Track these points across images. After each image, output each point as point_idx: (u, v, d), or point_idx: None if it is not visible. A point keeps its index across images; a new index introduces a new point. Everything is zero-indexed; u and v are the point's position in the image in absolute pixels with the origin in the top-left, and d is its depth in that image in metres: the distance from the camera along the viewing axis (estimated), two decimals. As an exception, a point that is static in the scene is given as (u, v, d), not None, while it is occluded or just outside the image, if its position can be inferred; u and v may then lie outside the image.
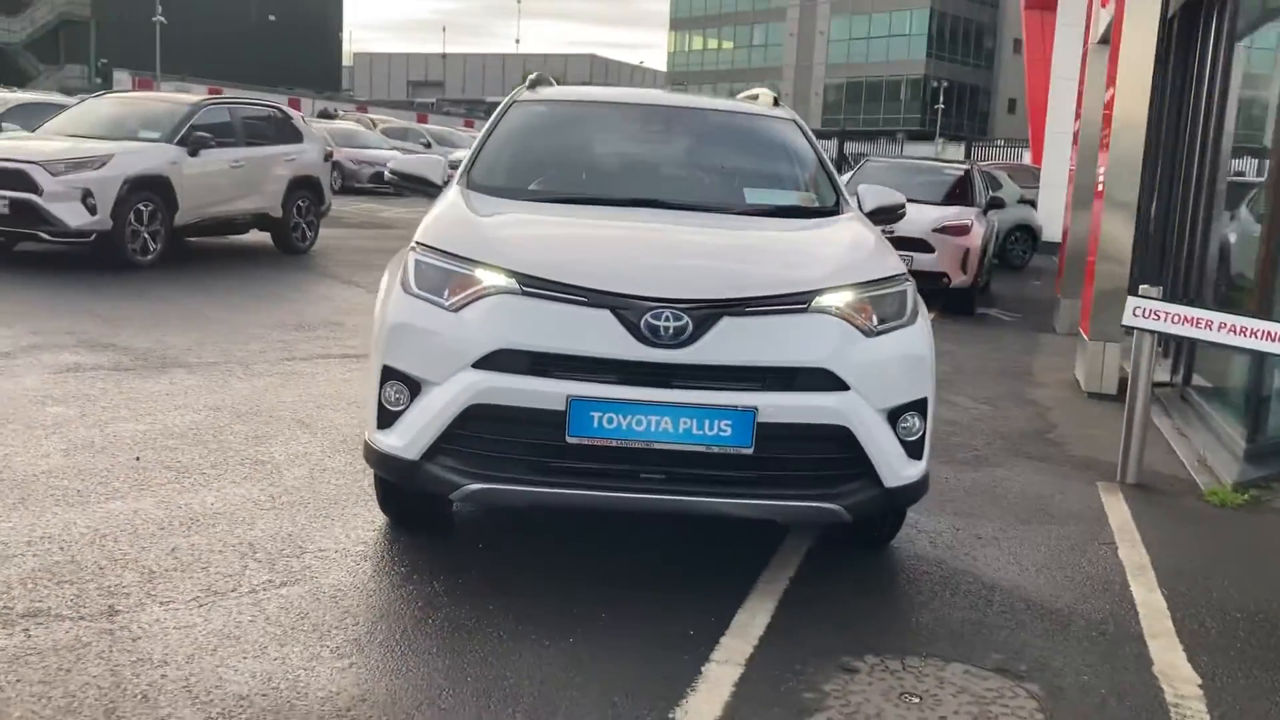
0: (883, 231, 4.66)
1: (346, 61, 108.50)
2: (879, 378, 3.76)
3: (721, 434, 3.54)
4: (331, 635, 3.38)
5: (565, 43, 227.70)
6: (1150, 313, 5.69)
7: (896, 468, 3.82)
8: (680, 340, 3.56)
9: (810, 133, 5.33)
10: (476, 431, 3.63)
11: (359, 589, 3.75)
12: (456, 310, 3.70)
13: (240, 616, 3.45)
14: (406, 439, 3.70)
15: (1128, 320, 5.76)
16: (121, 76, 45.16)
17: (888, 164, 15.23)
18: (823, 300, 3.78)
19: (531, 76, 5.60)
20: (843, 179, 5.83)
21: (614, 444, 3.54)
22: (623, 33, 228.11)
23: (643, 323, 3.56)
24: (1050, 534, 4.88)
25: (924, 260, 12.26)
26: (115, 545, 3.95)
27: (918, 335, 3.95)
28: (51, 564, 3.74)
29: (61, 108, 13.63)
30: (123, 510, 4.30)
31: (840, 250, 4.24)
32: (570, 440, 3.53)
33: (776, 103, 5.64)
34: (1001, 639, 3.71)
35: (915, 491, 3.96)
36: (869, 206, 4.98)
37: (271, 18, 69.38)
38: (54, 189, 10.74)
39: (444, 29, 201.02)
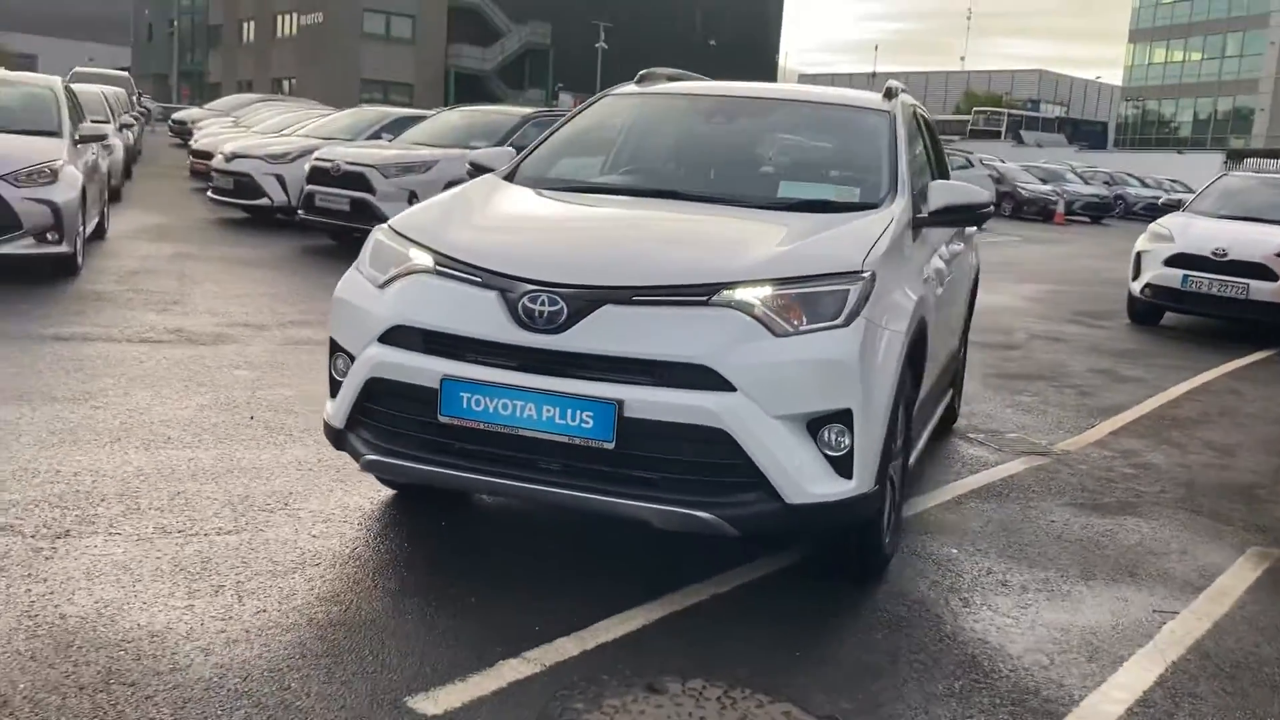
0: (1213, 254, 4.13)
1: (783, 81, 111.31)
2: (778, 381, 3.42)
3: (583, 426, 3.39)
4: (205, 579, 3.62)
5: (1015, 59, 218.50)
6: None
7: (803, 483, 3.44)
8: (554, 326, 3.46)
9: (902, 128, 4.86)
10: (378, 404, 3.74)
11: (289, 544, 3.98)
12: (382, 287, 3.83)
13: (154, 553, 3.79)
14: (336, 408, 3.88)
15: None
16: (565, 98, 49.37)
17: (1251, 179, 13.27)
18: (734, 294, 3.50)
19: (642, 72, 5.60)
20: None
21: (481, 426, 3.50)
22: (1078, 48, 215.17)
23: (519, 306, 3.50)
24: (1106, 593, 4.13)
25: (1262, 289, 10.64)
26: (138, 483, 4.46)
27: (845, 340, 3.52)
28: (69, 491, 4.30)
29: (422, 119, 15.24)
30: (180, 458, 4.84)
31: (792, 243, 3.87)
32: (441, 419, 3.54)
33: (890, 95, 5.21)
34: (886, 693, 3.24)
35: (838, 513, 3.54)
36: (935, 205, 4.52)
37: (712, 41, 72.64)
38: (385, 190, 12.16)
39: (876, 47, 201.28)
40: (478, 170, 5.08)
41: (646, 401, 3.37)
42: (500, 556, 4.05)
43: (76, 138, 9.93)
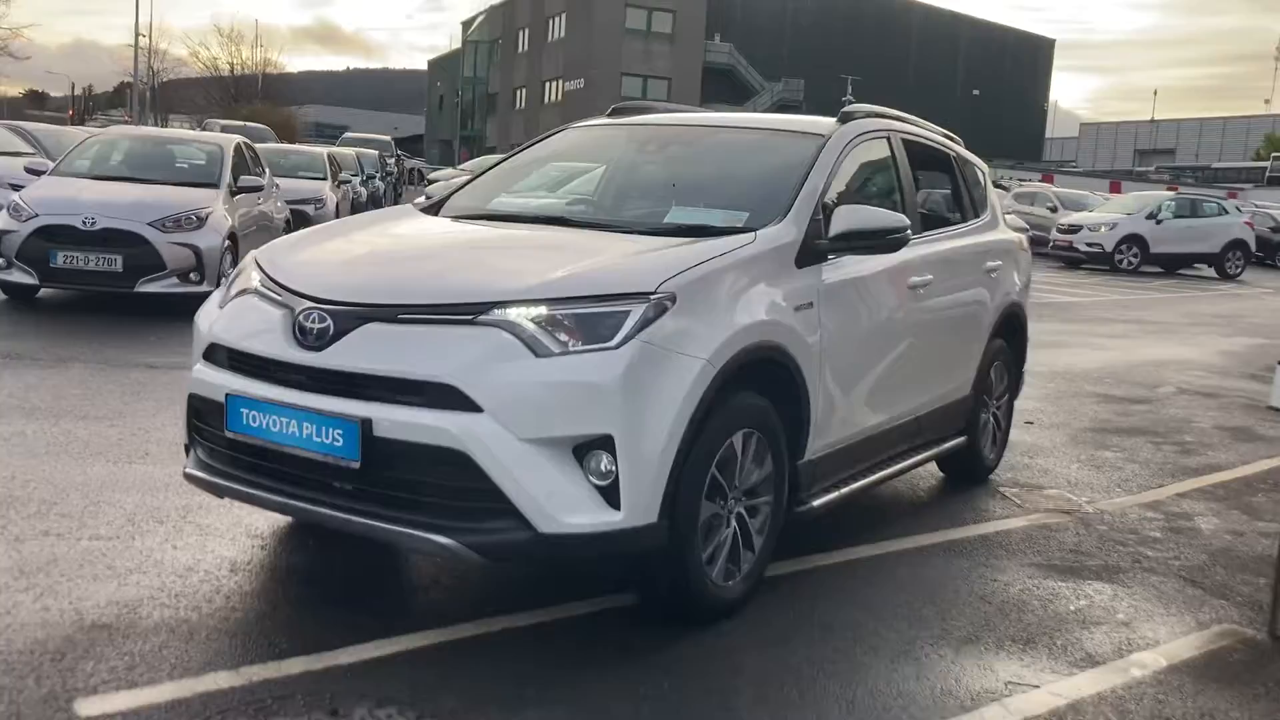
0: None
1: (1067, 132, 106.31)
2: (529, 403, 3.26)
3: (335, 444, 3.36)
4: (30, 577, 3.82)
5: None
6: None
7: (557, 512, 3.26)
8: (321, 342, 3.46)
9: (832, 153, 4.53)
10: (200, 420, 3.85)
11: (143, 553, 4.12)
12: (221, 308, 3.95)
13: (12, 552, 4.03)
14: (183, 424, 4.03)
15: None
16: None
17: None
18: (506, 313, 3.38)
19: (614, 106, 5.56)
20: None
21: (258, 443, 3.54)
22: None
23: (295, 323, 3.52)
24: (968, 661, 3.65)
25: None
26: (70, 492, 4.76)
27: (609, 363, 3.30)
28: (4, 496, 4.67)
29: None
30: (136, 472, 5.13)
31: (592, 262, 3.68)
32: (228, 434, 3.60)
33: (845, 119, 4.89)
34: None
35: (603, 545, 3.32)
36: (836, 229, 4.23)
37: (975, 91, 70.63)
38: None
39: (1154, 93, 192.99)
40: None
41: (394, 421, 3.31)
42: (326, 572, 4.06)
43: (234, 189, 10.86)
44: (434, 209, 4.84)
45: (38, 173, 10.77)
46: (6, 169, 12.91)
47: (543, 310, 3.39)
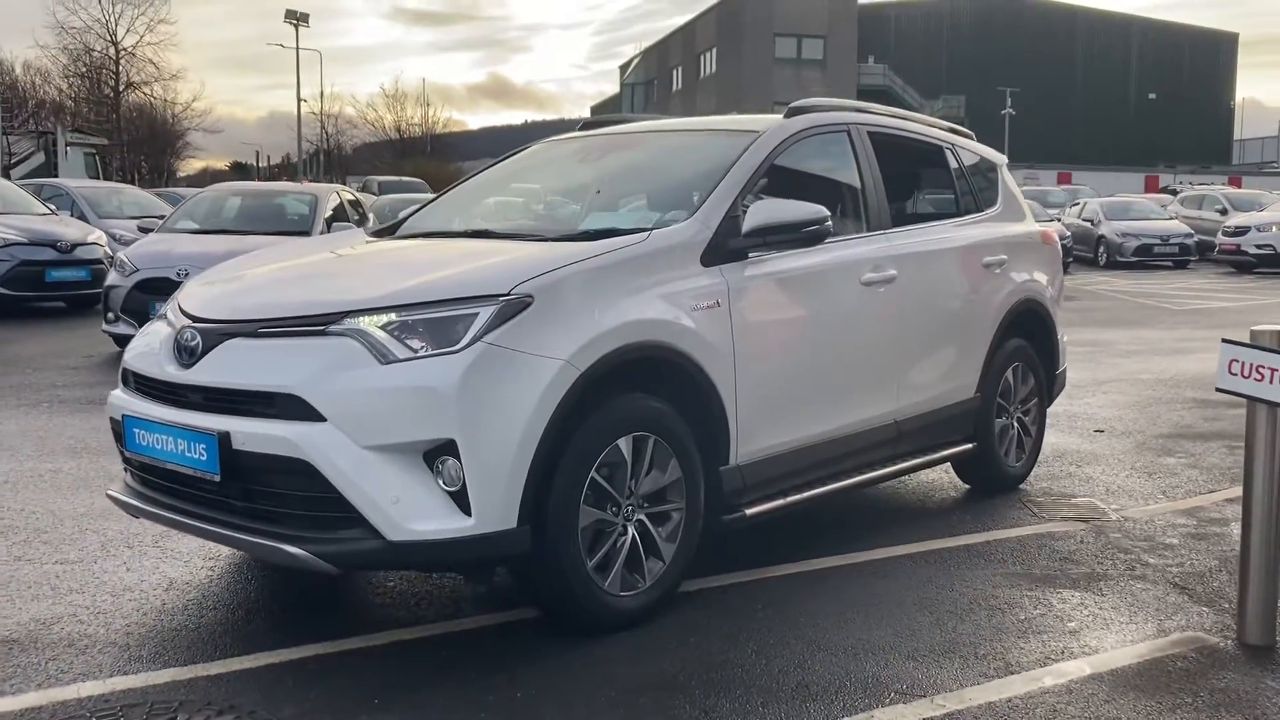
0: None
1: (1267, 131, 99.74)
2: (369, 410, 3.26)
3: (199, 458, 3.45)
4: (-26, 598, 4.04)
5: None
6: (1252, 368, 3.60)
7: (404, 519, 3.24)
8: (192, 360, 3.56)
9: (761, 151, 4.38)
10: (119, 443, 4.00)
11: (100, 574, 4.29)
12: (143, 335, 4.12)
13: (-25, 575, 4.29)
14: (119, 450, 4.20)
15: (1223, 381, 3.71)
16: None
17: None
18: (358, 322, 3.41)
19: (585, 119, 5.55)
20: None
21: (147, 460, 3.65)
22: None
23: (175, 342, 3.63)
24: (910, 666, 3.41)
25: None
26: (63, 520, 5.02)
27: (448, 366, 3.27)
28: (3, 527, 4.96)
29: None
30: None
31: (456, 268, 3.64)
32: (126, 453, 3.73)
33: (792, 114, 4.73)
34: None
35: (456, 551, 3.28)
36: (749, 225, 4.09)
37: (1151, 96, 67.31)
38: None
39: None
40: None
41: (247, 433, 3.36)
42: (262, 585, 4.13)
43: (325, 233, 11.34)
44: (383, 233, 4.92)
45: (147, 231, 11.52)
46: (131, 231, 13.88)
47: (393, 317, 3.39)
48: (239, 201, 12.31)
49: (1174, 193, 35.44)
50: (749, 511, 4.11)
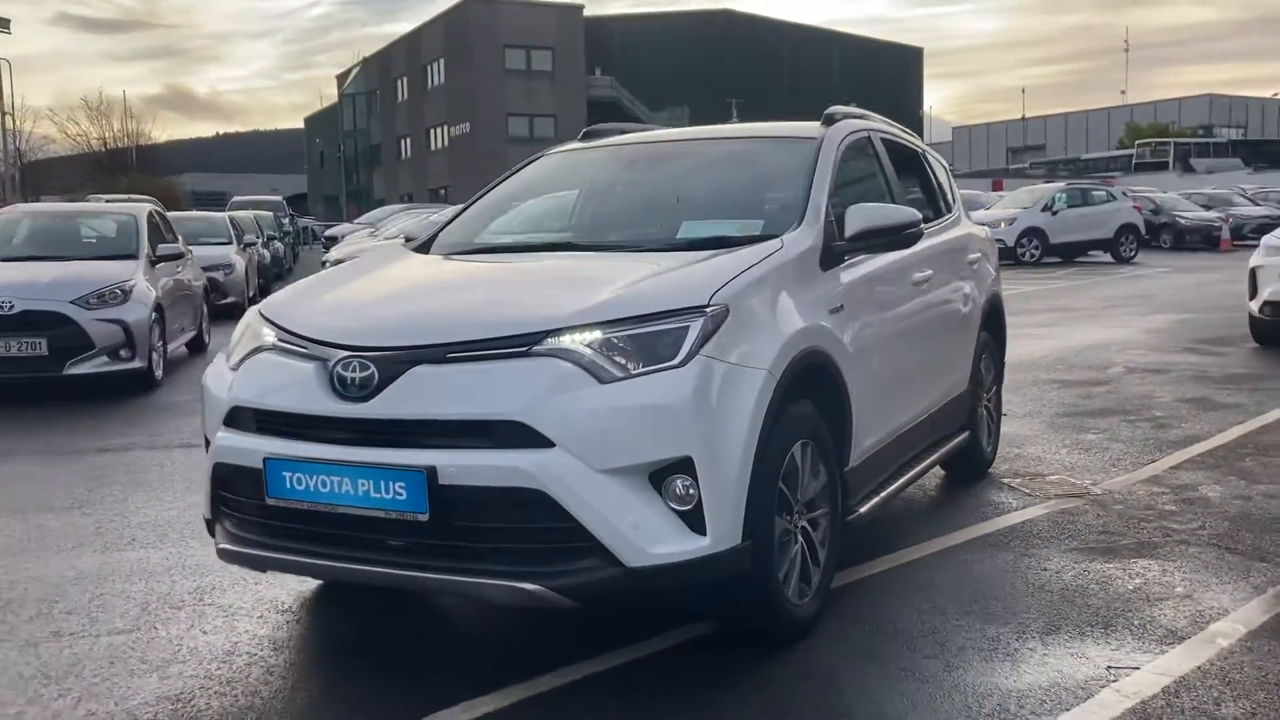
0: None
1: (941, 137, 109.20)
2: (602, 432, 3.11)
3: (397, 498, 3.16)
4: (58, 683, 3.52)
5: (1180, 87, 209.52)
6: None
7: (644, 543, 3.11)
8: (366, 393, 3.26)
9: (829, 154, 4.47)
10: (229, 491, 3.60)
11: (171, 642, 3.84)
12: (235, 369, 3.71)
13: (30, 657, 3.72)
14: (204, 498, 3.76)
15: None
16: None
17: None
18: (560, 341, 3.23)
19: (586, 129, 5.45)
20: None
21: (305, 506, 3.31)
22: (1249, 68, 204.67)
23: (333, 374, 3.32)
24: (1060, 650, 3.59)
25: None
26: (68, 588, 4.43)
27: (678, 382, 3.18)
28: None
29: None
30: (129, 559, 4.81)
31: (631, 282, 3.55)
32: (269, 501, 3.37)
33: (829, 121, 4.85)
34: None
35: (694, 573, 3.18)
36: (851, 230, 4.16)
37: (850, 104, 72.18)
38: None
39: (1023, 90, 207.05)
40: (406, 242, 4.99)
41: (460, 466, 3.12)
42: (389, 637, 3.83)
43: (154, 258, 10.43)
44: (423, 248, 4.66)
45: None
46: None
47: (598, 334, 3.25)
48: (37, 224, 11.12)
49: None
50: (863, 510, 4.20)
